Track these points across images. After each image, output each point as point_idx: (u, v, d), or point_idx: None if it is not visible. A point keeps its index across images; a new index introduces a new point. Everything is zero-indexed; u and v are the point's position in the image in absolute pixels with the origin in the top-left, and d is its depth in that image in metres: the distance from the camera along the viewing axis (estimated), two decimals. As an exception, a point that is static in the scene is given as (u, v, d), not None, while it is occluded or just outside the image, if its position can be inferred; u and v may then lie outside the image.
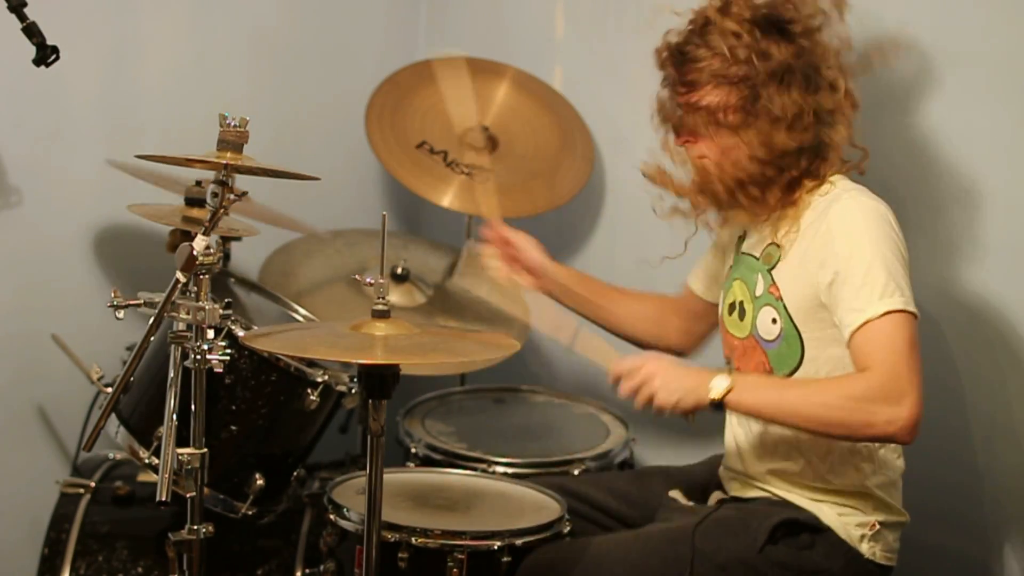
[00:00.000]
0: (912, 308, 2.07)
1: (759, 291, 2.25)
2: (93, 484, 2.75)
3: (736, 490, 2.34)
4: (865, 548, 2.20)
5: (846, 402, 2.04)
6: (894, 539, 2.24)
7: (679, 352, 2.59)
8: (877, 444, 2.20)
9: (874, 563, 2.20)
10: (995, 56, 2.45)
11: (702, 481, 2.44)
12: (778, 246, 2.23)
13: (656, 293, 2.63)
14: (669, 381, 2.13)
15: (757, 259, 2.28)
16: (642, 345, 2.61)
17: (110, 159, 2.87)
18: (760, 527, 2.18)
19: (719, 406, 2.09)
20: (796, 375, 2.20)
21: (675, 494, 2.38)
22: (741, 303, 2.30)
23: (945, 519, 2.56)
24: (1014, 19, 2.43)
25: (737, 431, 2.36)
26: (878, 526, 2.21)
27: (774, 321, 2.22)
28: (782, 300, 2.20)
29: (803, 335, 2.18)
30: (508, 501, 2.43)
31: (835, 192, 2.19)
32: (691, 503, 2.37)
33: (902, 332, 2.05)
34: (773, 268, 2.23)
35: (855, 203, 2.15)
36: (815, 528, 2.21)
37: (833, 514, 2.21)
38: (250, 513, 2.54)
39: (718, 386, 2.09)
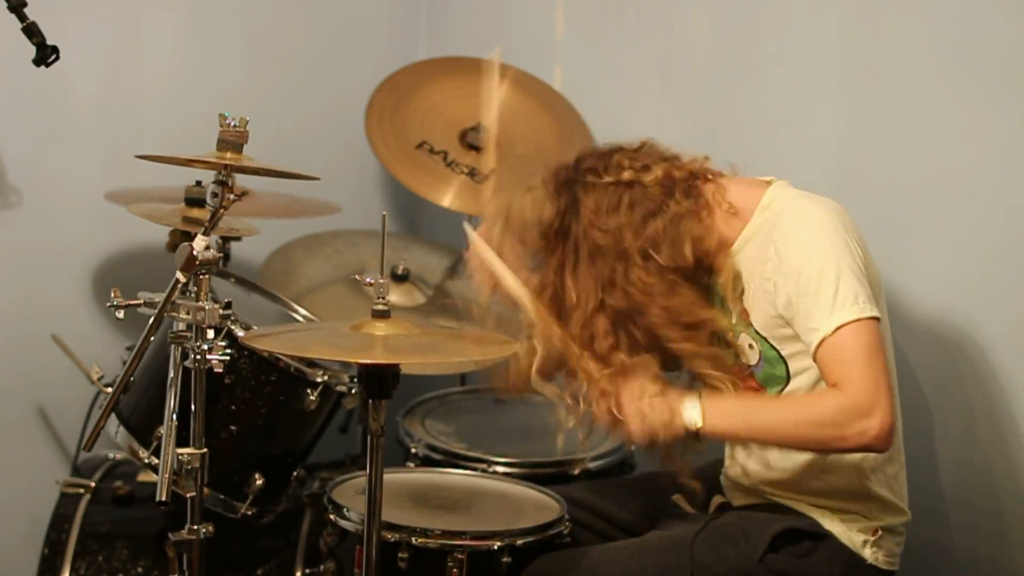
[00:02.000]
0: (867, 313, 2.03)
1: (734, 319, 2.24)
2: (93, 484, 2.75)
3: (737, 499, 2.33)
4: (868, 554, 2.19)
5: (813, 428, 2.04)
6: (896, 544, 2.23)
7: None
8: None
9: (876, 568, 2.20)
10: (995, 56, 2.45)
11: (705, 485, 2.43)
12: (740, 273, 2.21)
13: None
14: (641, 409, 2.10)
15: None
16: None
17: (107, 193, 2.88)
18: (760, 536, 2.17)
19: (696, 436, 2.09)
20: (787, 391, 2.20)
21: (678, 499, 2.38)
22: (724, 332, 2.26)
23: (948, 519, 2.56)
24: (1014, 19, 2.43)
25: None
26: (881, 532, 2.20)
27: (751, 346, 2.22)
28: (752, 325, 2.20)
29: (782, 353, 2.18)
30: (508, 501, 2.43)
31: (777, 205, 2.15)
32: (693, 509, 2.37)
33: (858, 341, 2.03)
34: (741, 295, 2.22)
35: (796, 214, 2.12)
36: (816, 535, 2.19)
37: (836, 520, 2.20)
38: (250, 513, 2.54)
39: (691, 416, 2.08)
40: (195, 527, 2.13)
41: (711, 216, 2.18)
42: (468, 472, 2.58)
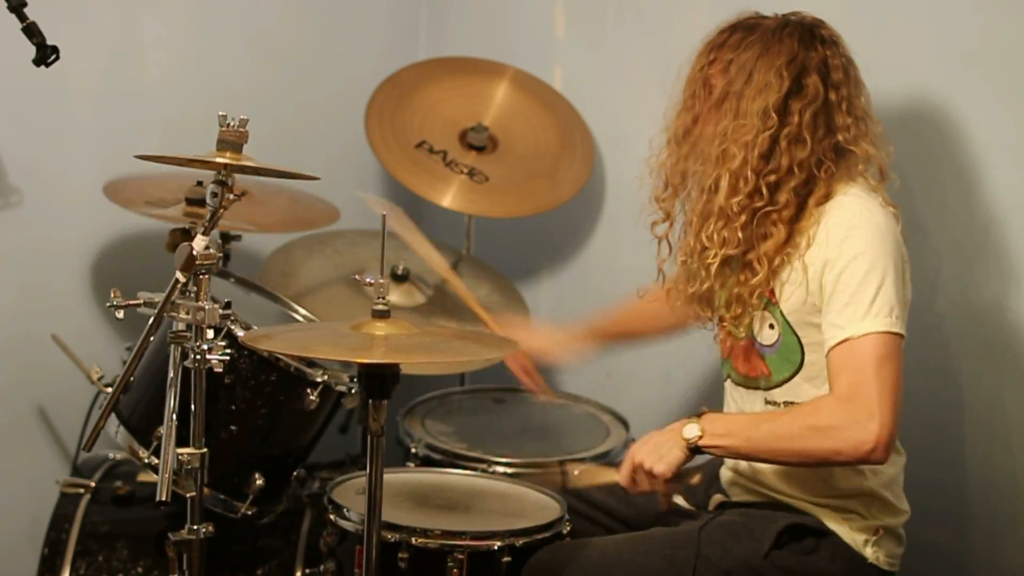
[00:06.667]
0: (896, 328, 2.05)
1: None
2: (93, 484, 2.75)
3: (737, 495, 2.33)
4: (869, 553, 2.19)
5: (812, 433, 2.05)
6: (897, 546, 2.23)
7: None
8: None
9: (877, 568, 2.20)
10: (996, 56, 2.45)
11: (705, 482, 2.43)
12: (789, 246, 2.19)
13: (654, 289, 2.59)
14: (651, 448, 2.17)
15: None
16: (666, 336, 2.65)
17: (105, 185, 2.87)
18: (765, 532, 2.17)
19: (697, 450, 2.14)
20: (796, 378, 2.20)
21: (677, 498, 2.38)
22: (754, 290, 2.25)
23: (943, 519, 2.56)
24: (1014, 19, 2.43)
25: None
26: (882, 531, 2.20)
27: (771, 327, 2.21)
28: (779, 306, 2.20)
29: (802, 340, 2.17)
30: (508, 501, 2.43)
31: (839, 197, 2.14)
32: (692, 507, 2.37)
33: (877, 352, 2.03)
34: (774, 268, 2.20)
35: (862, 210, 2.11)
36: (819, 532, 2.20)
37: (837, 518, 2.20)
38: (250, 513, 2.54)
39: (689, 433, 2.13)
40: (195, 527, 2.13)
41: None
42: (468, 472, 2.58)
